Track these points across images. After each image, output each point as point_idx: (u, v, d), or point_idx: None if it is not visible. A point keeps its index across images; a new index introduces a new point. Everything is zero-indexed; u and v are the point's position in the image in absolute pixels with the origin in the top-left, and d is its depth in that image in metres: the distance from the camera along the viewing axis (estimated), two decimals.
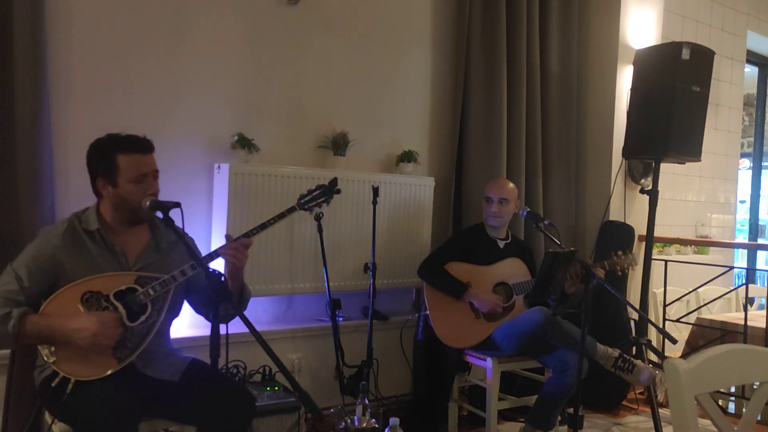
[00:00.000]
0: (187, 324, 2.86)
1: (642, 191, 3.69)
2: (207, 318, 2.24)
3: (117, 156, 2.05)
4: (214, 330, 1.87)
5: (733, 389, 3.76)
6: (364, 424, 2.67)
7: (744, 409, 3.22)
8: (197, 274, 2.06)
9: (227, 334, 2.05)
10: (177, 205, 2.03)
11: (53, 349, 1.93)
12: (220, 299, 1.86)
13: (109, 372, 1.96)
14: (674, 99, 3.42)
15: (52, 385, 1.94)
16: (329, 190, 2.38)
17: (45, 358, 1.94)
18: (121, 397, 1.93)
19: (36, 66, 2.53)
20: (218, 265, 2.64)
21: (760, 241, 6.49)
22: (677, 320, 3.84)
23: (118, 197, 2.07)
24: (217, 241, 3.00)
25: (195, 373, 2.17)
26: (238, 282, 2.16)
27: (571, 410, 3.19)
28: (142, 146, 2.09)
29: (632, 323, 3.81)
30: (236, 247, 2.11)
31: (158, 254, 2.17)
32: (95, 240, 2.08)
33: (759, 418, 2.40)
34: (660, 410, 3.39)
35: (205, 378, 2.12)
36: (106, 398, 1.90)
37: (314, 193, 2.36)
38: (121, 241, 2.12)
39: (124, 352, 1.99)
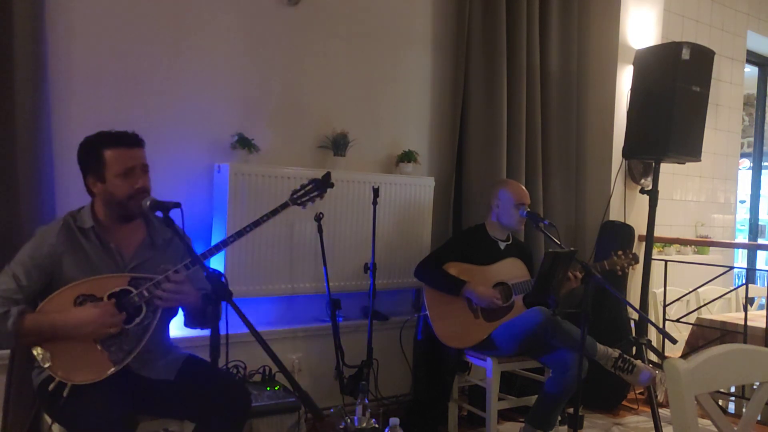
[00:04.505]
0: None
1: (642, 191, 3.69)
2: (193, 328, 2.22)
3: (104, 151, 2.05)
4: (214, 330, 1.87)
5: (733, 389, 3.76)
6: (364, 424, 2.67)
7: (744, 409, 3.22)
8: (191, 277, 2.05)
9: (227, 334, 2.05)
10: (177, 205, 2.03)
11: (48, 354, 1.92)
12: (220, 299, 1.86)
13: (105, 375, 1.95)
14: (674, 99, 3.42)
15: (49, 389, 1.93)
16: (322, 184, 2.36)
17: (41, 363, 1.93)
18: (119, 401, 1.93)
19: (36, 66, 2.53)
20: (219, 264, 2.64)
21: (760, 241, 6.49)
22: (677, 320, 3.84)
23: (107, 193, 2.07)
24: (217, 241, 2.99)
25: (191, 370, 2.17)
26: (193, 307, 2.11)
27: (571, 410, 3.20)
28: (127, 140, 2.09)
29: (632, 323, 3.81)
30: (171, 289, 2.00)
31: (154, 251, 2.17)
32: (90, 238, 2.08)
33: (759, 418, 2.39)
34: (660, 410, 3.39)
35: (201, 374, 2.12)
36: (103, 403, 1.90)
37: (307, 188, 2.35)
38: (116, 238, 2.12)
39: (120, 354, 1.99)
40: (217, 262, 2.93)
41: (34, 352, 1.93)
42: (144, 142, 2.13)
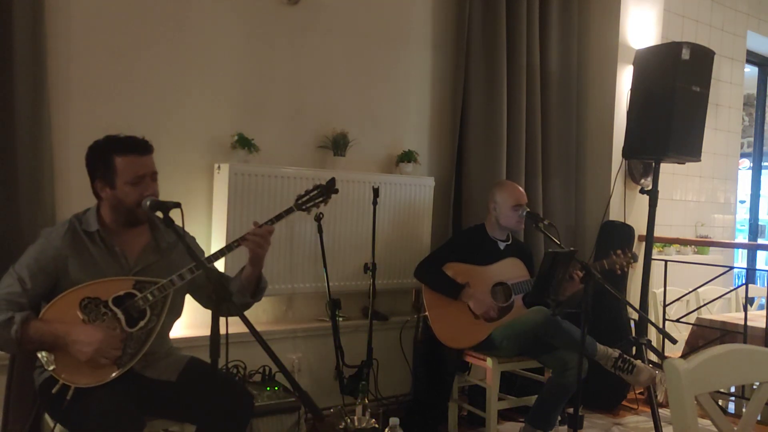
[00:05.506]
0: (187, 324, 2.86)
1: (642, 191, 3.69)
2: (215, 312, 2.24)
3: (114, 158, 2.04)
4: (214, 330, 1.87)
5: (733, 389, 3.76)
6: (364, 424, 2.67)
7: (744, 409, 3.22)
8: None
9: (227, 334, 2.05)
10: (177, 205, 2.03)
11: (53, 357, 1.91)
12: (221, 299, 1.85)
13: (108, 378, 1.95)
14: (674, 99, 3.41)
15: (53, 391, 1.92)
16: (327, 190, 2.35)
17: (45, 366, 1.92)
18: (125, 403, 1.93)
19: (36, 66, 2.53)
20: (218, 264, 2.64)
21: (760, 241, 6.49)
22: (677, 320, 3.84)
23: (116, 199, 2.06)
24: (217, 241, 3.00)
25: (193, 371, 2.17)
26: (257, 270, 2.17)
27: (571, 410, 3.19)
28: (139, 147, 2.07)
29: (632, 323, 3.81)
30: (260, 234, 2.12)
31: (158, 254, 2.17)
32: (95, 241, 2.08)
33: (759, 418, 2.39)
34: (660, 410, 3.39)
35: (203, 376, 2.12)
36: (109, 406, 1.89)
37: (312, 194, 2.33)
38: (121, 242, 2.12)
39: (124, 358, 1.99)
40: (217, 262, 2.92)
41: (39, 355, 1.93)
42: (153, 147, 2.12)
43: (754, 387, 1.53)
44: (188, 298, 2.30)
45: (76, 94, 2.72)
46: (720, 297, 4.15)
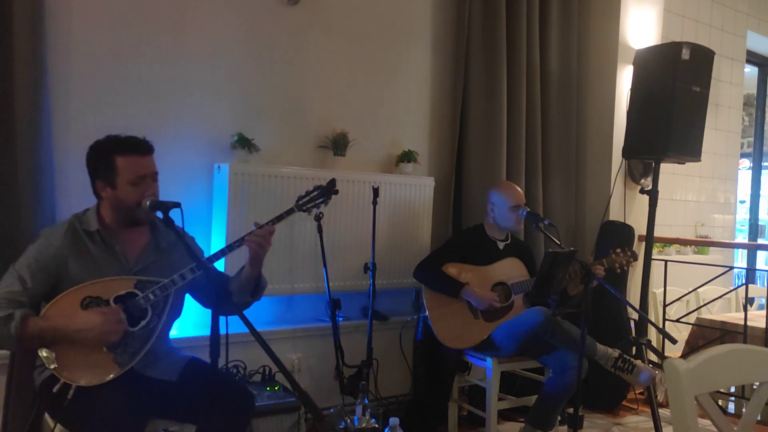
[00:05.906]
0: (187, 324, 2.86)
1: (642, 191, 3.69)
2: (215, 311, 2.24)
3: (115, 158, 2.04)
4: (214, 330, 1.87)
5: (733, 389, 3.76)
6: (364, 424, 2.67)
7: (744, 409, 3.22)
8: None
9: (227, 334, 2.06)
10: (177, 205, 2.03)
11: (54, 355, 1.91)
12: (221, 299, 1.86)
13: (109, 377, 1.95)
14: (674, 99, 3.41)
15: (54, 390, 1.92)
16: (327, 191, 2.36)
17: (46, 365, 1.92)
18: (125, 403, 1.93)
19: (36, 66, 2.52)
20: (218, 265, 2.64)
21: (760, 241, 6.49)
22: (677, 320, 3.84)
23: (117, 199, 2.07)
24: (217, 241, 3.00)
25: (193, 371, 2.17)
26: (257, 270, 2.19)
27: (571, 410, 3.19)
28: (140, 148, 2.08)
29: (632, 323, 3.81)
30: (262, 234, 2.13)
31: (158, 254, 2.17)
32: (95, 241, 2.08)
33: (759, 418, 2.39)
34: (660, 410, 3.39)
35: (204, 376, 2.12)
36: (110, 406, 1.89)
37: (312, 194, 2.34)
38: (122, 241, 2.12)
39: (125, 357, 1.99)
40: (217, 262, 2.92)
41: (40, 354, 1.93)
42: (154, 147, 2.12)
43: (754, 387, 1.53)
44: (188, 298, 2.30)
45: (76, 94, 2.72)
46: (720, 297, 4.16)
